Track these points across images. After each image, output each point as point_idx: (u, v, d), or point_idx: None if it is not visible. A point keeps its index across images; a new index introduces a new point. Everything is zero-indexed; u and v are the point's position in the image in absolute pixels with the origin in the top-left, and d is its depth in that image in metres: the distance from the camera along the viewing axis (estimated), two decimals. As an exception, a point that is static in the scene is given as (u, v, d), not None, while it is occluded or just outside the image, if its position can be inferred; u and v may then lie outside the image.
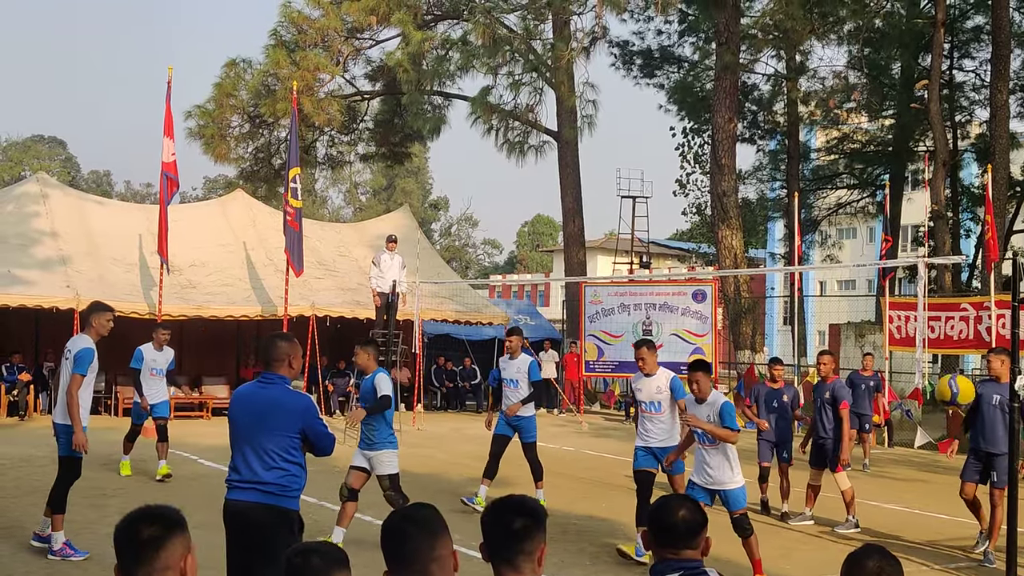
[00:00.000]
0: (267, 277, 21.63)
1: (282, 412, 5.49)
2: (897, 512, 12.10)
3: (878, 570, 3.23)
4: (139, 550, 2.78)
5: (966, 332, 20.10)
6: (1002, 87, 25.78)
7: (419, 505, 3.10)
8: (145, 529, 2.80)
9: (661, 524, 3.36)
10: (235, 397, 5.73)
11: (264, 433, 5.45)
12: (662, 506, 3.43)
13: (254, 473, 5.44)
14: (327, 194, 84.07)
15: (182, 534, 2.85)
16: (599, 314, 24.79)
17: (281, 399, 5.51)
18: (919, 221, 32.42)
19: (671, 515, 3.37)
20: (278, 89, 27.92)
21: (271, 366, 5.54)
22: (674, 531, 3.34)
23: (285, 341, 5.61)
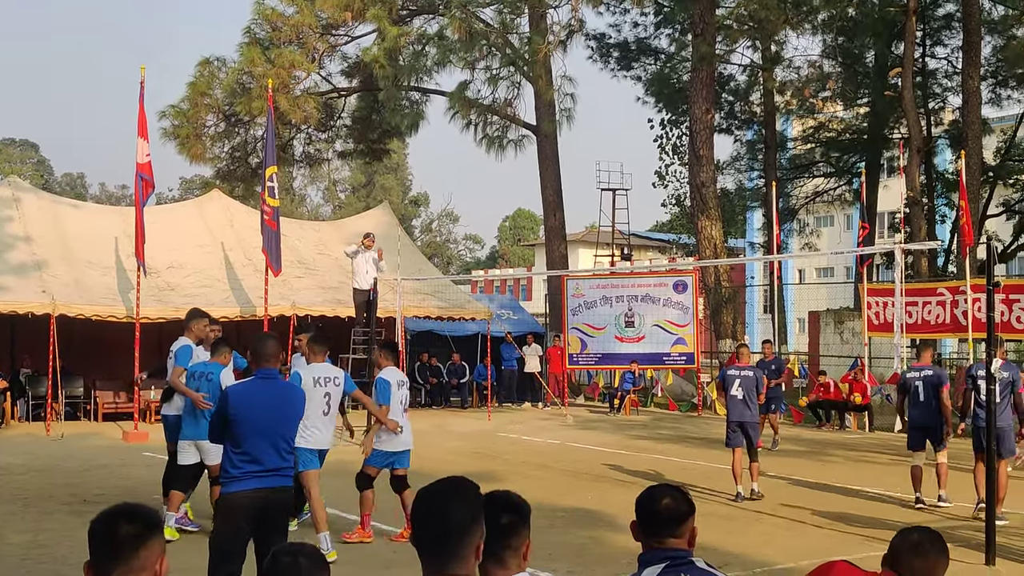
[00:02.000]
0: (246, 277, 21.55)
1: (294, 402, 6.28)
2: (878, 496, 12.19)
3: (918, 542, 3.52)
4: (118, 548, 2.70)
5: (943, 316, 20.28)
6: (973, 73, 25.96)
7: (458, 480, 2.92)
8: (125, 526, 2.72)
9: (646, 513, 3.39)
10: (241, 394, 6.07)
11: (284, 423, 6.09)
12: (648, 495, 3.45)
13: (273, 461, 5.98)
14: (305, 192, 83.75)
15: (160, 535, 2.81)
16: (581, 307, 24.86)
17: (290, 391, 6.36)
18: (895, 208, 32.59)
19: (655, 503, 3.39)
20: (253, 87, 27.81)
21: (269, 361, 6.11)
22: (658, 520, 3.36)
23: (275, 340, 6.28)
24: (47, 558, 8.42)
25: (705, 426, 20.91)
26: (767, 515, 10.83)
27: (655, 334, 24.37)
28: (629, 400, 24.08)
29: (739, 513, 10.92)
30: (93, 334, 19.85)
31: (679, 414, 24.33)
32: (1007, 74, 31.75)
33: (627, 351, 24.42)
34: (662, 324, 24.32)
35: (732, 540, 9.33)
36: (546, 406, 25.32)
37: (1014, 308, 18.77)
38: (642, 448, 16.91)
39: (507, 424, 20.95)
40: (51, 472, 13.24)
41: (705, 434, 19.23)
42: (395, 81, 28.17)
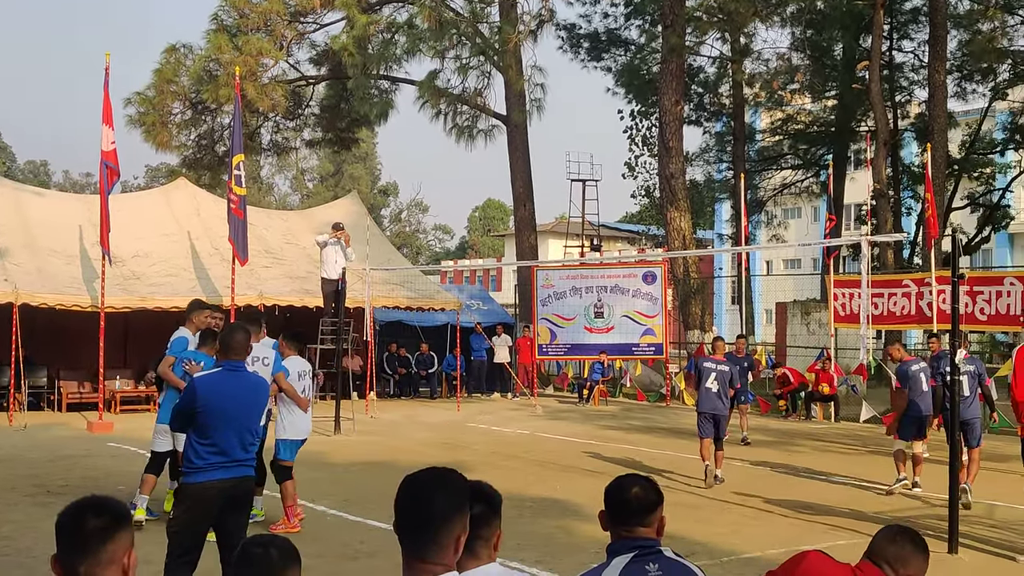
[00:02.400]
0: (213, 267, 21.38)
1: (261, 394, 6.31)
2: (845, 486, 12.30)
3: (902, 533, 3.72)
4: (85, 541, 2.67)
5: (908, 308, 20.47)
6: (939, 67, 26.17)
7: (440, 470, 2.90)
8: (93, 519, 2.69)
9: (615, 502, 3.40)
10: (209, 386, 6.02)
11: (251, 415, 6.12)
12: (617, 485, 3.46)
13: (238, 452, 6.00)
14: (273, 181, 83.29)
15: (128, 528, 2.78)
16: (551, 297, 24.88)
17: (257, 383, 6.32)
18: (862, 200, 32.85)
19: (624, 492, 3.40)
20: (220, 75, 27.58)
21: (237, 353, 6.11)
22: (627, 508, 3.37)
23: (244, 331, 6.25)
24: (11, 550, 8.32)
25: (673, 416, 21.00)
26: (734, 504, 10.89)
27: (624, 325, 24.44)
28: (598, 390, 24.14)
29: (706, 503, 10.98)
30: (57, 323, 19.64)
31: (648, 404, 24.42)
32: (972, 68, 32.06)
33: (596, 342, 24.47)
34: (631, 315, 24.39)
35: (699, 529, 9.38)
36: (515, 396, 25.34)
37: (978, 300, 18.98)
38: (611, 438, 16.96)
39: (476, 414, 20.95)
40: (14, 463, 13.08)
41: (673, 424, 19.31)
42: (364, 70, 28.03)
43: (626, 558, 3.29)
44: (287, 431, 9.39)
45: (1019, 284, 18.69)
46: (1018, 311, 17.87)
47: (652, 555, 3.33)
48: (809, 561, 3.42)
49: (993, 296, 18.89)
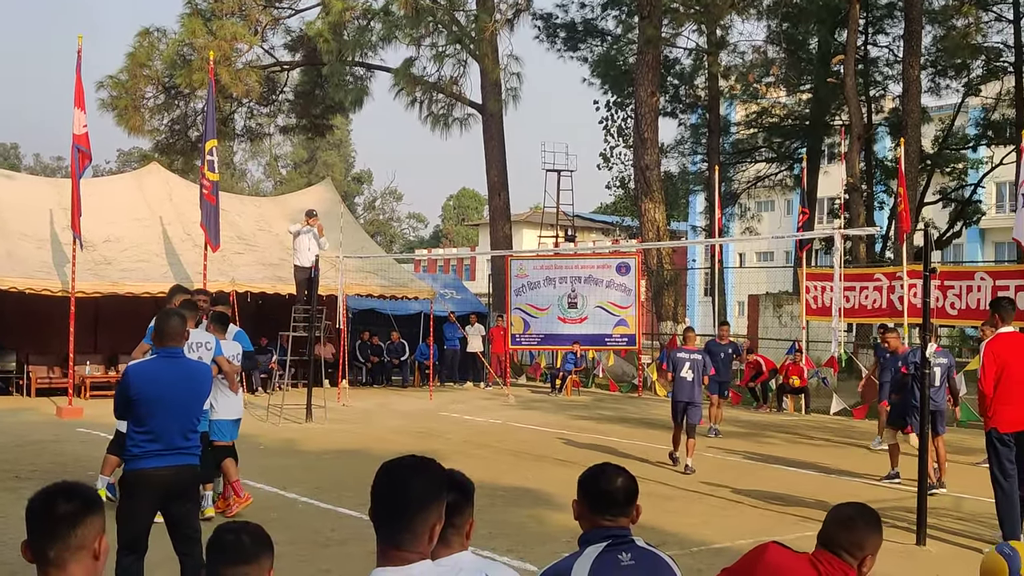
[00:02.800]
0: (185, 252, 21.24)
1: (202, 382, 6.20)
2: (815, 477, 12.38)
3: (849, 517, 3.60)
4: (55, 526, 2.65)
5: (879, 301, 20.60)
6: (914, 62, 26.32)
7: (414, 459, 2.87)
8: (63, 504, 2.67)
9: (599, 492, 3.39)
10: (143, 374, 5.97)
11: (190, 403, 6.00)
12: (599, 474, 3.45)
13: (177, 440, 5.91)
14: (246, 167, 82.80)
15: (99, 513, 2.75)
16: (525, 287, 24.88)
17: (195, 370, 6.22)
18: (835, 193, 33.03)
19: (611, 483, 3.40)
20: (194, 59, 27.36)
21: (173, 340, 6.02)
22: (614, 499, 3.38)
23: (179, 317, 6.15)
24: (-23, 536, 8.24)
25: (645, 407, 21.06)
26: (706, 495, 10.94)
27: (597, 315, 24.49)
28: (571, 381, 24.18)
29: (678, 493, 11.03)
30: (27, 308, 19.45)
31: (620, 395, 24.49)
32: (946, 64, 32.27)
33: (569, 332, 24.51)
34: (604, 305, 24.44)
35: (671, 520, 9.42)
36: (488, 386, 25.34)
37: (948, 294, 19.12)
38: (583, 428, 17.00)
39: (449, 403, 20.94)
40: (-19, 448, 12.96)
41: (645, 414, 19.37)
42: (339, 56, 27.87)
43: (599, 547, 3.30)
44: (221, 412, 9.31)
45: (989, 279, 18.84)
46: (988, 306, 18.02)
47: (625, 544, 3.34)
48: (769, 554, 3.40)
49: (964, 291, 19.04)
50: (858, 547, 3.50)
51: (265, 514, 9.03)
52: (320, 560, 7.79)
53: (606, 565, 3.27)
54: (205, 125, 19.50)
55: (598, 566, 3.26)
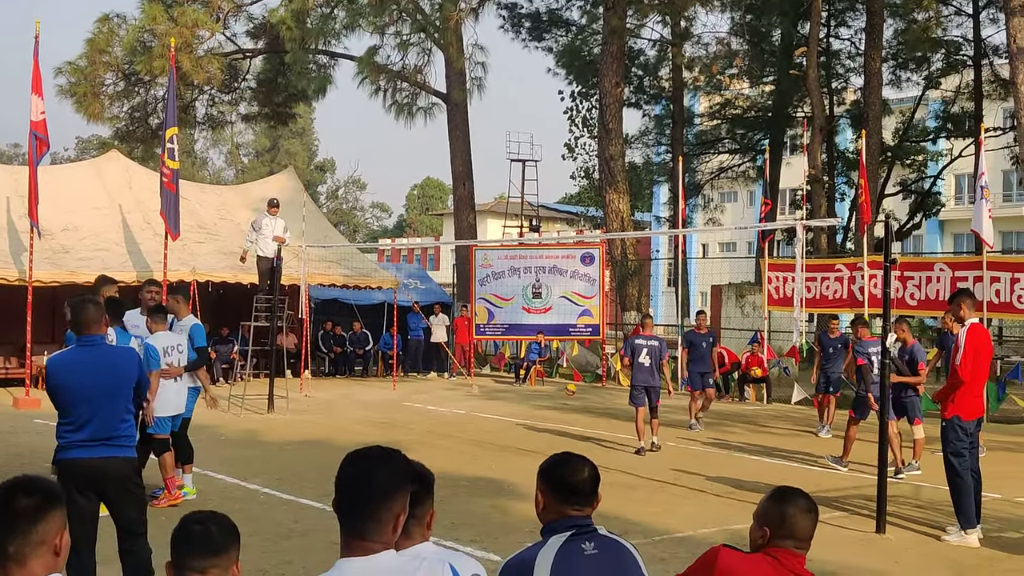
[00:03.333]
0: (144, 241, 21.00)
1: (127, 369, 6.01)
2: (776, 465, 12.47)
3: (810, 507, 3.47)
4: (14, 521, 2.61)
5: (840, 292, 20.78)
6: (875, 55, 26.54)
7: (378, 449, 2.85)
8: (23, 499, 2.63)
9: (567, 483, 3.39)
10: (61, 365, 5.86)
11: (116, 391, 5.86)
12: (564, 464, 3.45)
13: (106, 430, 5.79)
14: (207, 155, 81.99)
15: (60, 508, 2.71)
16: (489, 277, 24.85)
17: (121, 357, 6.07)
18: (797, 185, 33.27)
19: (578, 473, 3.41)
20: (155, 46, 27.05)
21: (90, 328, 5.87)
22: (581, 489, 3.39)
23: (95, 305, 5.99)
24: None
25: (609, 396, 21.12)
26: (668, 484, 10.98)
27: (562, 305, 24.51)
28: (535, 371, 24.20)
29: (641, 482, 11.07)
30: (-17, 297, 19.15)
31: (584, 384, 24.53)
32: (907, 57, 32.57)
33: (534, 322, 24.52)
34: (569, 295, 24.47)
35: (634, 509, 9.44)
36: (452, 376, 25.30)
37: (908, 285, 19.33)
38: (547, 418, 17.02)
39: (412, 394, 20.88)
40: (-64, 439, 12.75)
41: (609, 404, 19.43)
42: (302, 44, 27.65)
43: (563, 537, 3.31)
44: (156, 406, 9.18)
45: (948, 270, 19.08)
46: (947, 296, 18.21)
47: (588, 533, 3.36)
48: (721, 560, 3.33)
49: (923, 281, 19.26)
50: (803, 533, 3.40)
51: (227, 505, 8.97)
52: (282, 551, 7.74)
53: (570, 554, 3.28)
54: (166, 113, 19.28)
55: (562, 555, 3.26)
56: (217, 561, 2.89)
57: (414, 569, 2.70)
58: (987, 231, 17.65)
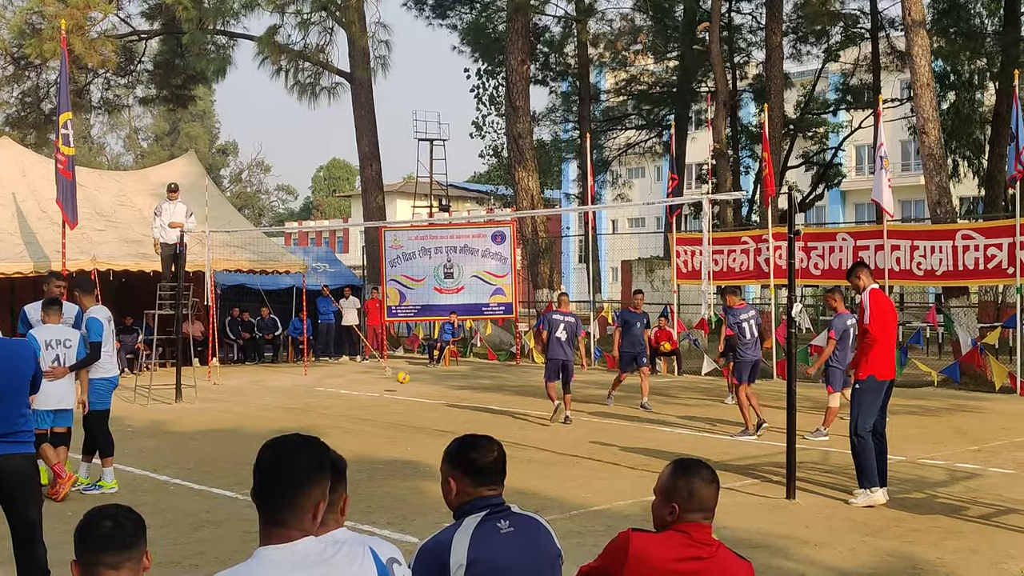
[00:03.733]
0: (41, 231, 20.36)
1: (24, 363, 5.79)
2: (687, 436, 12.64)
3: (712, 477, 3.40)
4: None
5: (747, 264, 21.14)
6: (776, 29, 26.96)
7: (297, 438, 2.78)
8: None
9: (479, 465, 3.38)
10: None
11: (17, 386, 5.68)
12: (473, 446, 3.44)
13: (5, 426, 5.60)
14: (105, 141, 79.90)
15: None
16: (400, 259, 24.67)
17: (16, 351, 5.89)
18: (702, 159, 33.76)
19: (489, 454, 3.41)
20: (44, 28, 26.15)
21: None
22: (494, 468, 3.41)
23: None
24: None
25: (523, 374, 21.18)
26: (584, 459, 11.04)
27: (474, 285, 24.47)
28: (448, 351, 24.15)
29: (556, 458, 11.10)
30: None
31: (498, 363, 24.58)
32: (807, 30, 33.17)
33: (446, 302, 24.44)
34: (481, 275, 24.43)
35: (550, 485, 9.47)
36: (364, 359, 25.11)
37: (812, 255, 19.73)
38: (462, 398, 16.99)
39: (324, 378, 20.67)
40: None
41: (523, 382, 19.48)
42: (200, 24, 26.98)
43: (477, 517, 3.32)
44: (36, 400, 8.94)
45: (851, 239, 19.52)
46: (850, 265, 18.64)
47: (502, 512, 3.38)
48: (633, 545, 3.28)
49: (827, 251, 19.69)
50: (711, 502, 3.35)
51: (137, 497, 8.76)
52: (194, 542, 7.57)
53: (486, 534, 3.28)
54: (58, 97, 18.66)
55: (478, 536, 3.27)
56: (131, 555, 2.86)
57: (334, 553, 2.67)
58: (887, 200, 18.11)
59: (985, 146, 28.45)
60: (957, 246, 17.50)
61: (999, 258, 16.88)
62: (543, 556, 3.39)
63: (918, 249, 18.12)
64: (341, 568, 2.65)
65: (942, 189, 18.96)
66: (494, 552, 3.24)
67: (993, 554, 7.12)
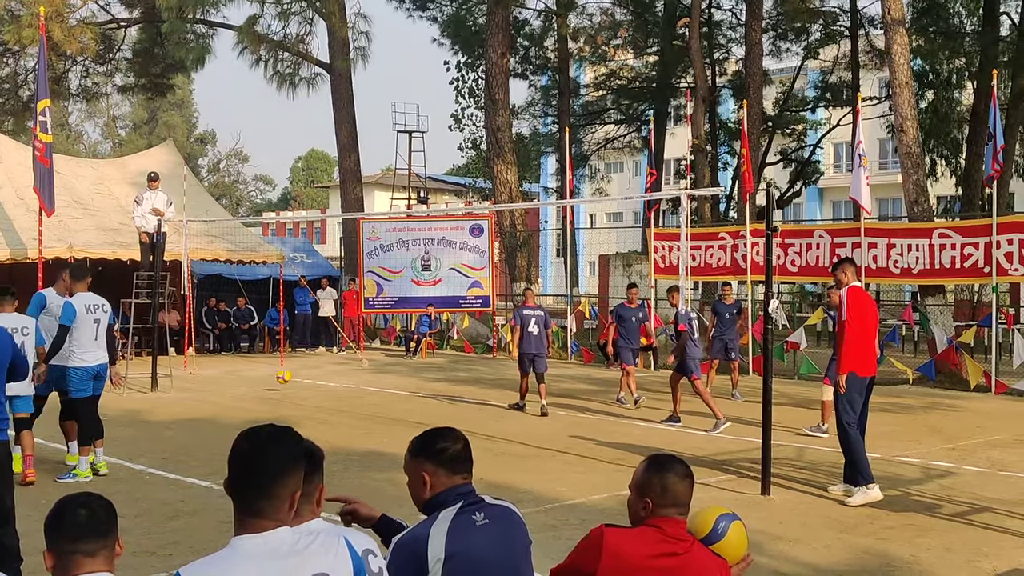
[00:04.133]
0: (18, 218, 20.22)
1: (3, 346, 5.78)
2: (663, 430, 12.70)
3: (686, 472, 3.41)
4: None
5: (724, 260, 21.21)
6: (756, 26, 27.04)
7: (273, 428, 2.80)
8: None
9: (448, 452, 3.41)
10: None
11: None
12: (442, 436, 3.47)
13: None
14: (83, 128, 79.42)
15: None
16: (378, 250, 24.65)
17: None
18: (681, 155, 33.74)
19: (457, 441, 3.45)
20: (23, 15, 25.98)
21: None
22: (464, 456, 3.44)
23: None
24: None
25: (500, 367, 21.20)
26: (560, 452, 11.08)
27: (451, 277, 24.48)
28: (425, 343, 24.14)
29: (532, 452, 11.13)
30: None
31: (475, 356, 24.59)
32: (787, 27, 33.26)
33: (423, 294, 24.43)
34: (458, 267, 24.44)
35: (525, 478, 9.50)
36: (341, 351, 25.08)
37: (789, 252, 19.83)
38: (438, 390, 17.00)
39: (301, 369, 20.60)
40: None
41: (500, 375, 19.50)
42: (179, 13, 26.83)
43: (453, 510, 3.33)
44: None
45: (828, 236, 19.62)
46: (827, 262, 18.75)
47: (476, 504, 3.39)
48: (607, 541, 3.27)
49: (804, 248, 19.78)
50: (686, 498, 3.36)
51: (112, 486, 8.74)
52: (169, 531, 7.56)
53: (462, 527, 3.29)
54: (37, 84, 18.51)
55: (454, 529, 3.27)
56: (106, 542, 2.89)
57: (308, 544, 2.68)
58: (865, 198, 18.21)
59: (963, 145, 28.63)
60: (934, 244, 17.61)
61: (975, 257, 16.98)
62: (518, 547, 3.42)
63: (895, 247, 18.23)
64: (316, 558, 2.66)
65: (919, 188, 19.08)
66: (471, 545, 3.26)
67: (967, 552, 7.17)
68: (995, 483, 9.57)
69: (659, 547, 3.23)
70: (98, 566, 2.86)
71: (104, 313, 9.73)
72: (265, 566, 2.56)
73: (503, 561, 3.34)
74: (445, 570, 3.21)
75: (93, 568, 2.86)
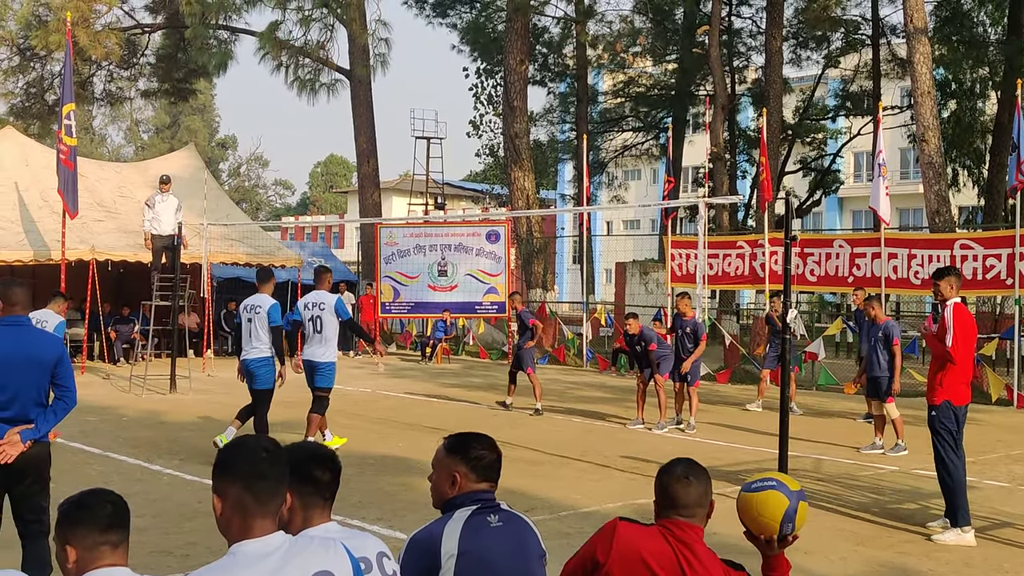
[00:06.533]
0: (42, 220, 20.38)
1: (46, 351, 5.75)
2: (678, 440, 12.69)
3: (685, 474, 3.44)
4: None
5: (742, 268, 21.16)
6: (776, 34, 27.02)
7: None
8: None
9: (485, 460, 3.50)
10: None
11: (32, 374, 5.65)
12: (479, 440, 3.55)
13: (26, 413, 5.63)
14: (106, 132, 79.89)
15: None
16: (395, 255, 24.72)
17: (38, 340, 5.82)
18: (699, 163, 33.77)
19: (493, 449, 3.55)
20: (51, 20, 26.28)
21: (18, 308, 5.71)
22: (496, 466, 3.53)
23: (21, 287, 5.79)
24: None
25: (516, 374, 21.19)
26: (574, 460, 11.09)
27: (467, 283, 24.53)
28: (441, 348, 24.18)
29: (546, 458, 11.16)
30: None
31: (490, 362, 24.62)
32: (807, 36, 33.23)
33: (440, 300, 24.48)
34: (475, 273, 24.48)
35: (539, 485, 9.51)
36: (357, 355, 25.15)
37: (808, 261, 19.77)
38: (453, 396, 17.03)
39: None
40: None
41: (516, 382, 19.48)
42: (203, 19, 27.05)
43: (468, 511, 3.41)
44: None
45: (848, 246, 19.55)
46: (846, 272, 18.71)
47: (491, 508, 3.46)
48: (620, 533, 3.34)
49: (823, 257, 19.70)
50: (706, 499, 3.44)
51: (129, 487, 8.79)
52: (187, 532, 7.62)
53: (476, 526, 3.37)
54: (62, 88, 18.70)
55: (468, 528, 3.35)
56: (127, 536, 2.99)
57: (303, 547, 2.73)
58: (884, 208, 18.13)
59: (986, 155, 28.49)
60: (955, 255, 17.46)
61: (998, 269, 16.81)
62: (530, 551, 3.48)
63: (915, 258, 18.13)
64: (317, 557, 2.73)
65: (941, 198, 19.00)
66: (484, 544, 3.33)
67: (986, 567, 7.08)
68: (1016, 498, 9.48)
69: (663, 547, 3.31)
70: (119, 559, 2.94)
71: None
72: (268, 568, 2.62)
73: (515, 562, 3.40)
74: (457, 566, 3.28)
75: (115, 561, 2.92)
